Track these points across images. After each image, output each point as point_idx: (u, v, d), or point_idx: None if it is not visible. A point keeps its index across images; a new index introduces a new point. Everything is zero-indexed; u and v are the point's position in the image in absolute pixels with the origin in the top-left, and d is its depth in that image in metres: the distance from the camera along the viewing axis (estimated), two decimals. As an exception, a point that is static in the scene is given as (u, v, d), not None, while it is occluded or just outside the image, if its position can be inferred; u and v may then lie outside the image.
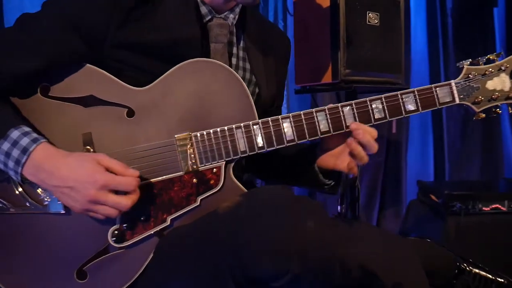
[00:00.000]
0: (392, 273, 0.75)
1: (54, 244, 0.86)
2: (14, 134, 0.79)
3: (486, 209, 1.97)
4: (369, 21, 1.33)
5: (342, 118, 0.90)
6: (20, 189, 0.86)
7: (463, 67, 0.97)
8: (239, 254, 0.70)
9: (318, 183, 0.99)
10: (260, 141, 0.88)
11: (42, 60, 0.84)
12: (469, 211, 1.94)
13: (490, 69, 0.97)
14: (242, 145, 0.88)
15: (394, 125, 2.95)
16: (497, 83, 0.97)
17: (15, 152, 0.79)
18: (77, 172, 0.79)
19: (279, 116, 0.89)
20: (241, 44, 1.03)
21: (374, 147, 0.87)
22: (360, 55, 1.32)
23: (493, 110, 0.99)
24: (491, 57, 0.99)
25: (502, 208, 1.98)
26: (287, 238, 0.68)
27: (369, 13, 1.32)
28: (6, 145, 0.79)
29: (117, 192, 0.80)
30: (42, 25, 0.84)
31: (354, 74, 1.30)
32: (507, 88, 0.97)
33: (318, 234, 0.69)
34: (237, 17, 1.00)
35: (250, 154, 0.88)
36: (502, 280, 0.98)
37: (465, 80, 0.95)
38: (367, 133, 0.87)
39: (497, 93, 0.96)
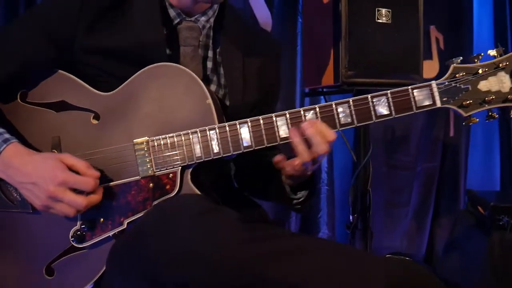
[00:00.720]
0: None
1: (25, 241, 0.92)
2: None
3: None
4: (378, 19, 1.23)
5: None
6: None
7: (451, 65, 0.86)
8: (147, 266, 0.68)
9: (286, 198, 0.94)
10: (215, 147, 0.86)
11: (15, 67, 0.90)
12: (517, 226, 1.75)
13: (485, 68, 0.85)
14: (197, 150, 0.86)
15: (451, 128, 2.75)
16: (493, 83, 0.85)
17: None
18: (40, 168, 0.83)
19: (237, 122, 0.86)
20: (219, 49, 1.01)
21: (321, 147, 0.80)
22: (366, 55, 1.23)
23: (490, 114, 0.87)
24: (491, 53, 0.87)
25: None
26: (193, 252, 0.65)
27: (378, 10, 1.22)
28: None
29: (78, 192, 0.83)
30: (13, 33, 0.91)
31: (358, 75, 1.21)
32: (506, 89, 0.84)
33: (231, 250, 0.65)
34: (212, 19, 0.98)
35: (205, 160, 0.86)
36: None
37: (451, 81, 0.85)
38: (314, 127, 0.80)
39: (491, 95, 0.84)
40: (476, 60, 0.86)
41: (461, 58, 0.86)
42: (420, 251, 2.58)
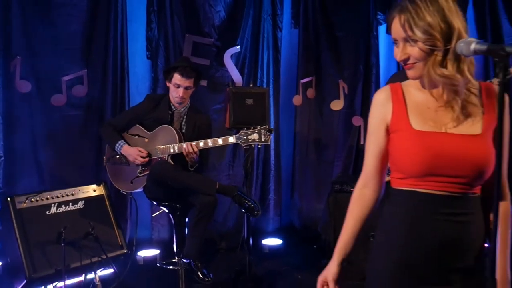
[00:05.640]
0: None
1: (128, 171, 3.24)
2: (121, 141, 3.17)
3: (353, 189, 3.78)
4: (247, 103, 3.39)
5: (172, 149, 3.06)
6: (118, 156, 3.25)
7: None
8: (157, 178, 2.98)
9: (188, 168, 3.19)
10: (172, 150, 3.09)
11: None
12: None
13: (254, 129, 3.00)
14: (171, 150, 3.10)
15: (361, 138, 4.72)
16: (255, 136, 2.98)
17: (119, 146, 3.16)
18: (132, 152, 3.14)
19: (183, 143, 3.09)
20: (185, 119, 3.25)
21: (191, 155, 3.00)
22: (242, 116, 3.40)
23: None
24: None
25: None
26: (164, 172, 2.91)
27: (247, 100, 3.39)
28: (119, 143, 3.16)
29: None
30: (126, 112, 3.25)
31: (237, 124, 3.37)
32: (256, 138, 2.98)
33: (171, 170, 2.90)
34: (185, 109, 3.22)
35: (169, 154, 3.09)
36: (250, 204, 2.99)
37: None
38: (189, 147, 3.01)
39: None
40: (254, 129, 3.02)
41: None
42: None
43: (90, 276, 2.95)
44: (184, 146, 2.98)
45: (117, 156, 3.20)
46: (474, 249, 1.28)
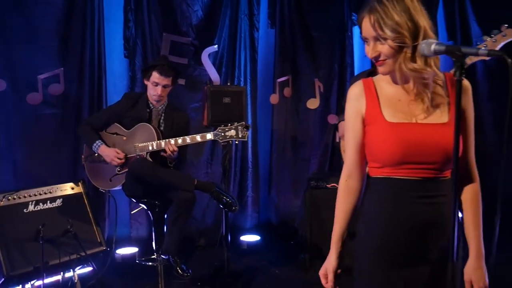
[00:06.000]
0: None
1: (105, 169, 3.25)
2: (98, 141, 3.18)
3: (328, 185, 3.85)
4: (224, 101, 3.46)
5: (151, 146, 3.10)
6: (96, 154, 3.25)
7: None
8: (135, 174, 3.01)
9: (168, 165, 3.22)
10: (150, 148, 3.12)
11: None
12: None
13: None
14: (150, 148, 3.13)
15: (337, 137, 4.83)
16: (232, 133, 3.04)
17: (96, 145, 3.16)
18: (109, 152, 3.15)
19: (162, 140, 3.12)
20: (163, 116, 3.28)
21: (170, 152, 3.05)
22: (219, 114, 3.45)
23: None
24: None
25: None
26: (143, 169, 2.94)
27: (224, 98, 3.45)
28: (97, 143, 3.17)
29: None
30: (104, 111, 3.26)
31: (214, 122, 3.42)
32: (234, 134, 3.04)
33: (149, 166, 2.93)
34: (163, 107, 3.25)
35: (147, 152, 3.12)
36: (228, 199, 3.05)
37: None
38: (168, 145, 3.04)
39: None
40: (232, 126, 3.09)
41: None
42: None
43: (69, 274, 2.95)
44: (163, 144, 3.01)
45: (96, 154, 3.21)
46: (448, 228, 1.37)
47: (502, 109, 1.16)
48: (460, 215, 1.42)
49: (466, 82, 1.29)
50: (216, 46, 4.40)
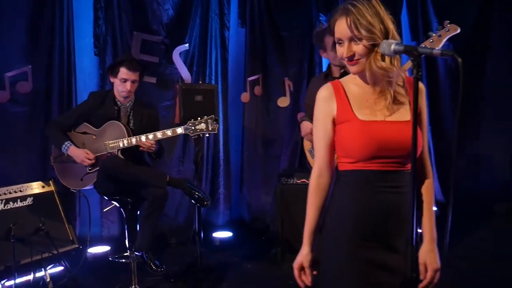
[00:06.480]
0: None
1: (76, 169, 3.24)
2: (67, 142, 3.17)
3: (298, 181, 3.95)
4: (196, 99, 3.50)
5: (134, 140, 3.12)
6: (66, 155, 3.24)
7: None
8: (108, 173, 3.02)
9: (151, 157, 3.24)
10: (121, 145, 3.13)
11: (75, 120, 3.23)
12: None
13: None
14: (121, 145, 3.14)
15: None
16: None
17: (65, 146, 3.15)
18: (78, 153, 3.14)
19: (132, 136, 3.14)
20: (132, 112, 3.30)
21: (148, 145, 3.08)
22: (191, 110, 3.50)
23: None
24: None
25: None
26: (114, 166, 2.95)
27: (196, 96, 3.50)
28: (66, 144, 3.15)
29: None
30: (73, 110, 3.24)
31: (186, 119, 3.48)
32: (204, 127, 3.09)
33: (121, 164, 2.95)
34: (131, 104, 3.27)
35: (119, 149, 3.14)
36: (200, 194, 3.10)
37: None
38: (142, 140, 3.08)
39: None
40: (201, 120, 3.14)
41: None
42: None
43: (40, 274, 2.94)
44: (134, 140, 3.04)
45: (65, 155, 3.19)
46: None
47: (463, 108, 1.27)
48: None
49: (421, 85, 1.40)
50: (187, 44, 4.44)
